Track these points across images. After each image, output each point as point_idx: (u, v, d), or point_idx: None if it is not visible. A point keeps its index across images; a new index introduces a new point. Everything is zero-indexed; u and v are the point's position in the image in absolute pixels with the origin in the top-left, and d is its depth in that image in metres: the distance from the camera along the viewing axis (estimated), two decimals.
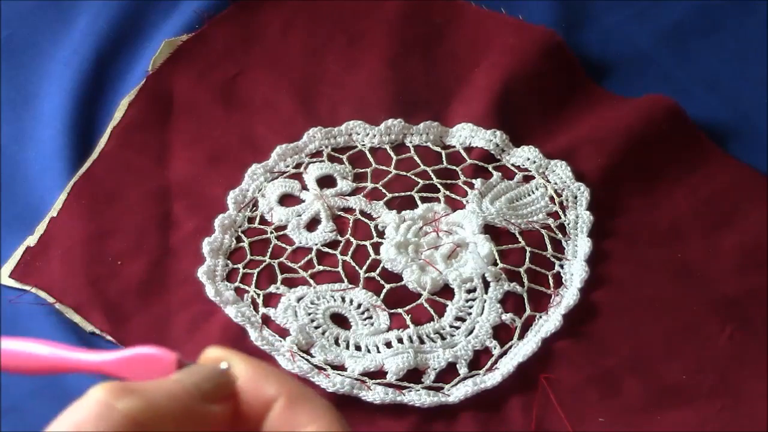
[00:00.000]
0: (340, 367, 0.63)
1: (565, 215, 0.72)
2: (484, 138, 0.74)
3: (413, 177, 0.73)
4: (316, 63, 0.79)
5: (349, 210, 0.71)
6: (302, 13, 0.81)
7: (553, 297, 0.68)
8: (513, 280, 0.68)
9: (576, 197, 0.73)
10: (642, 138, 0.76)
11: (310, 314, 0.65)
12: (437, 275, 0.67)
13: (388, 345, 0.64)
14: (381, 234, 0.70)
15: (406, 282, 0.67)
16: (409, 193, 0.72)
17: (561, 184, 0.73)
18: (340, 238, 0.69)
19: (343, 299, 0.66)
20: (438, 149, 0.74)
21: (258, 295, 0.66)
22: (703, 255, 0.71)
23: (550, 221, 0.72)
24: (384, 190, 0.72)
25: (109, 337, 0.64)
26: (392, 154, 0.74)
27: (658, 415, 0.63)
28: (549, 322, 0.66)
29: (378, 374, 0.63)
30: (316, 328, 0.64)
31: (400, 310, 0.66)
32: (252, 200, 0.71)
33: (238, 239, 0.69)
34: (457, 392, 0.63)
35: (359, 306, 0.66)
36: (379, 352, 0.64)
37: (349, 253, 0.69)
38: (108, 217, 0.69)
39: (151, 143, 0.74)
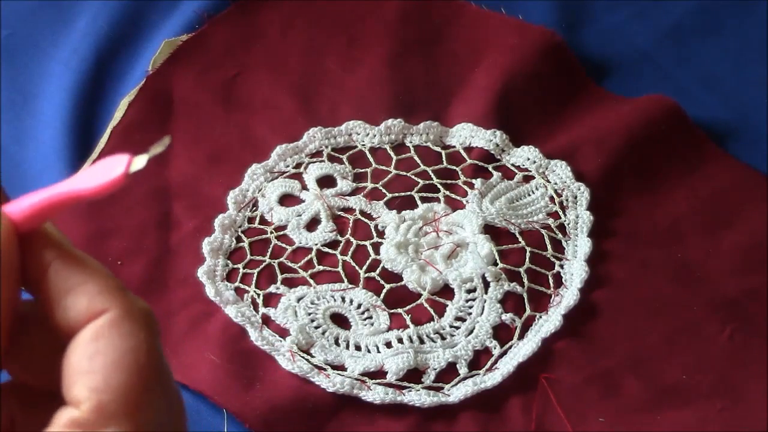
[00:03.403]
0: (340, 367, 0.63)
1: (565, 215, 0.72)
2: (484, 138, 0.74)
3: (413, 177, 0.73)
4: (316, 63, 0.79)
5: (349, 210, 0.71)
6: (302, 13, 0.81)
7: (553, 297, 0.68)
8: (513, 280, 0.68)
9: (576, 197, 0.73)
10: (642, 138, 0.76)
11: (310, 314, 0.65)
12: (437, 275, 0.67)
13: (388, 345, 0.64)
14: (381, 234, 0.70)
15: (406, 282, 0.67)
16: (409, 193, 0.72)
17: (561, 184, 0.73)
18: (340, 238, 0.69)
19: (343, 299, 0.66)
20: (438, 149, 0.74)
21: (258, 295, 0.66)
22: (703, 255, 0.71)
23: (550, 221, 0.72)
24: (384, 190, 0.72)
25: None
26: (392, 154, 0.74)
27: (658, 415, 0.63)
28: (549, 322, 0.66)
29: (378, 374, 0.63)
30: (316, 328, 0.64)
31: (400, 310, 0.66)
32: (252, 200, 0.71)
33: (238, 239, 0.69)
34: (457, 392, 0.63)
35: (359, 306, 0.66)
36: (379, 352, 0.64)
37: (349, 253, 0.68)
38: (108, 217, 0.69)
39: (151, 143, 0.73)
